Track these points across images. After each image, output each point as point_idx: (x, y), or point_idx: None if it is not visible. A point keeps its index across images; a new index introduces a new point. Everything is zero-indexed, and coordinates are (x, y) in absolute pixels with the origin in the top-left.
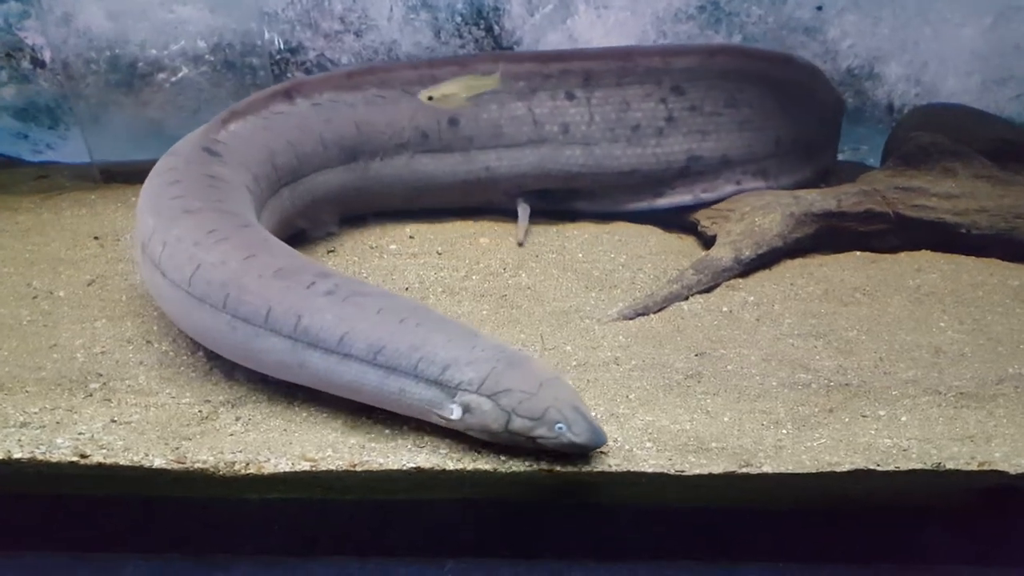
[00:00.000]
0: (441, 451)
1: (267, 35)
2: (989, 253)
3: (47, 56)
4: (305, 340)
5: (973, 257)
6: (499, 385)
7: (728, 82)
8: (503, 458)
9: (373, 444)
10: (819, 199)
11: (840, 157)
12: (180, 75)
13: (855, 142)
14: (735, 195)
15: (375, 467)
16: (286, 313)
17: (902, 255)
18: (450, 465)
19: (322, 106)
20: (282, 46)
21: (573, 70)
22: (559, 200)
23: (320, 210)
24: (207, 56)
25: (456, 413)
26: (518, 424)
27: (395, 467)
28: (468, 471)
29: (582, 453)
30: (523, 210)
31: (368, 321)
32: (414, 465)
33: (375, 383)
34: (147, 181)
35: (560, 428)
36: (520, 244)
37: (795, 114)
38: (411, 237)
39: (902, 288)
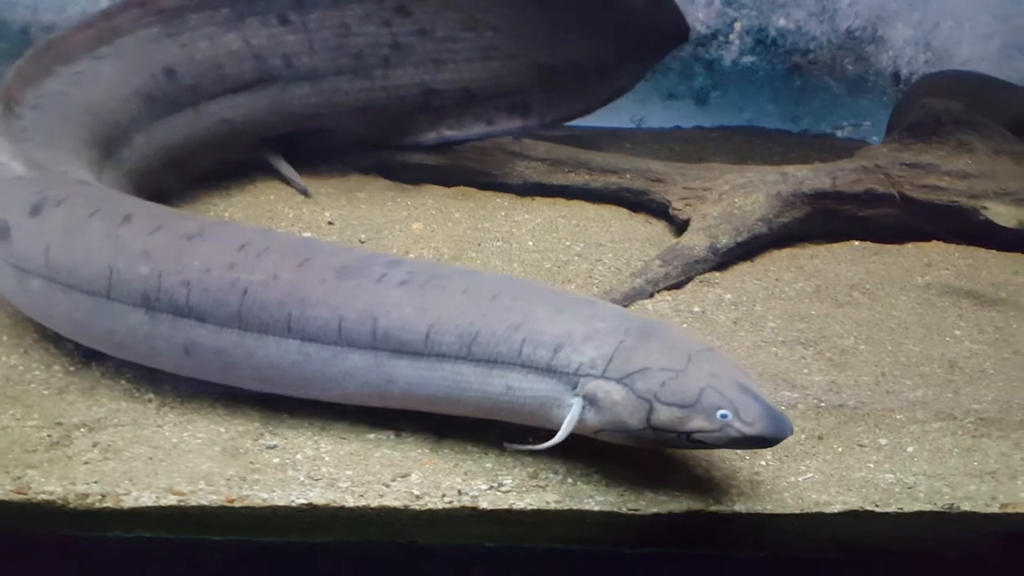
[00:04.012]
0: (340, 485)
1: None
2: (1013, 246)
3: None
4: (388, 347)
5: (994, 250)
6: (631, 363)
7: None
8: (417, 493)
9: (257, 476)
10: (811, 176)
11: (839, 135)
12: None
13: (856, 117)
14: (490, 135)
15: (257, 503)
16: (360, 318)
17: (909, 246)
18: (350, 502)
19: None
20: None
21: None
22: (304, 145)
23: None
24: None
25: (576, 409)
26: (664, 415)
27: (282, 503)
28: (372, 509)
29: (758, 449)
30: (278, 162)
31: (454, 305)
32: (305, 501)
33: (476, 385)
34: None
35: (724, 416)
36: (306, 194)
37: (572, 35)
38: (330, 223)
39: (909, 287)
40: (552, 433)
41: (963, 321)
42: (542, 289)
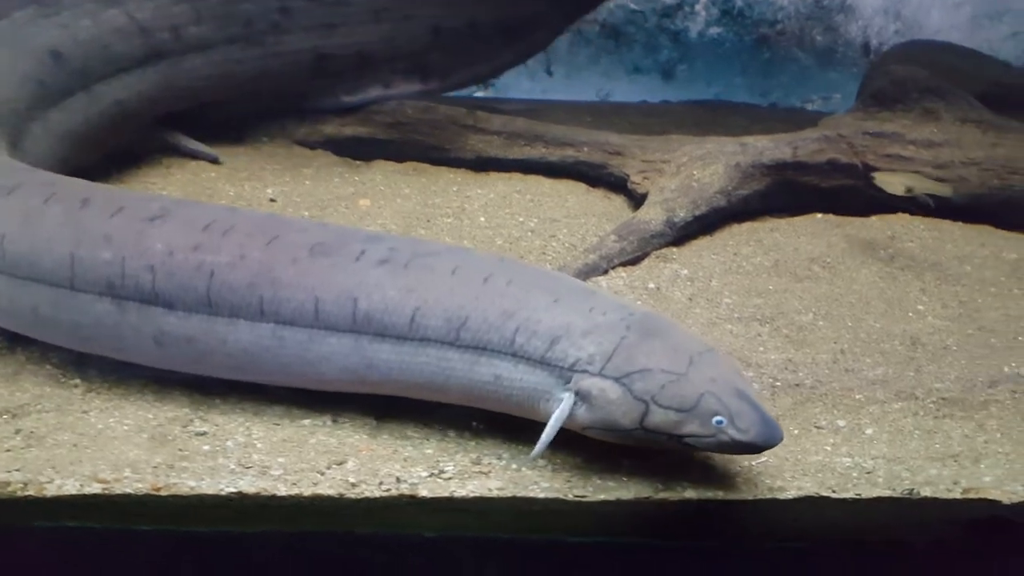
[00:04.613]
0: (272, 473)
1: None
2: (979, 218)
3: None
4: (369, 330)
5: (960, 223)
6: (632, 363)
7: None
8: (353, 481)
9: (185, 463)
10: (771, 147)
11: (809, 108)
12: None
13: (826, 89)
14: (387, 99)
15: (185, 491)
16: (339, 300)
17: (873, 219)
18: (282, 490)
19: None
20: None
21: None
22: (200, 117)
23: None
24: None
25: (566, 405)
26: (659, 418)
27: (210, 492)
28: (306, 498)
29: (746, 455)
30: (178, 138)
31: (442, 287)
32: (235, 489)
33: (462, 373)
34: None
35: (719, 423)
36: (216, 161)
37: None
38: (272, 200)
39: (872, 260)
40: (537, 423)
41: (926, 296)
42: (538, 273)
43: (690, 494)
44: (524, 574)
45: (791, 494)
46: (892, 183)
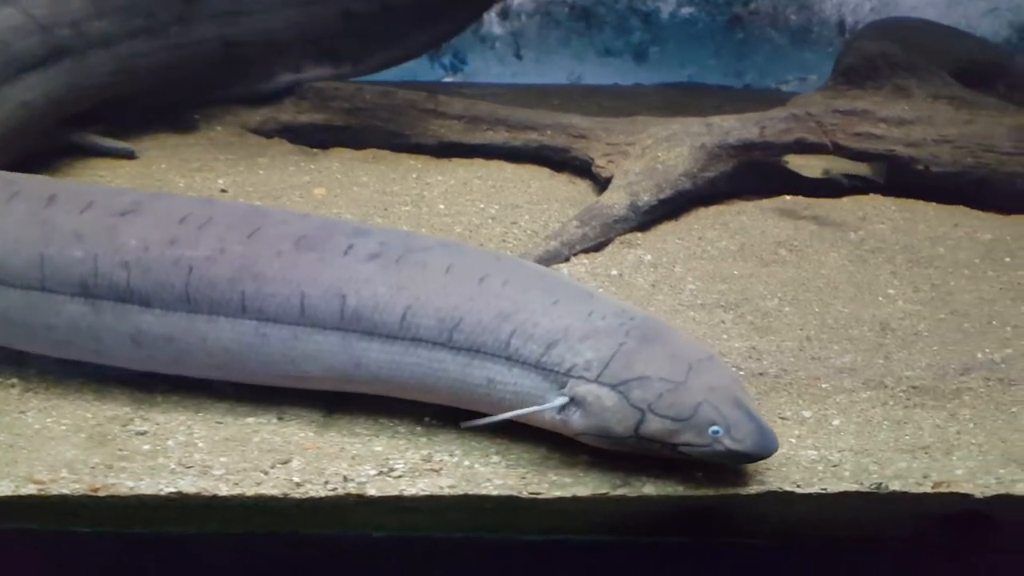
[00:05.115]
0: (214, 473)
1: None
2: (953, 198)
3: None
4: (357, 328)
5: (934, 203)
6: (630, 370)
7: None
8: (298, 480)
9: (124, 464)
10: (737, 127)
11: (784, 89)
12: None
13: (801, 70)
14: (301, 83)
15: (123, 492)
16: (326, 296)
17: (844, 200)
18: (224, 490)
19: None
20: None
21: None
22: (113, 115)
23: None
24: None
25: (560, 410)
26: (655, 426)
27: (150, 492)
28: (249, 498)
29: (741, 464)
30: (87, 138)
31: (436, 286)
32: (175, 490)
33: (454, 374)
34: None
35: (716, 432)
36: (132, 156)
37: None
38: (223, 191)
39: (841, 243)
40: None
41: (897, 279)
42: (535, 272)
43: (649, 490)
44: (478, 575)
45: (754, 489)
46: (806, 166)
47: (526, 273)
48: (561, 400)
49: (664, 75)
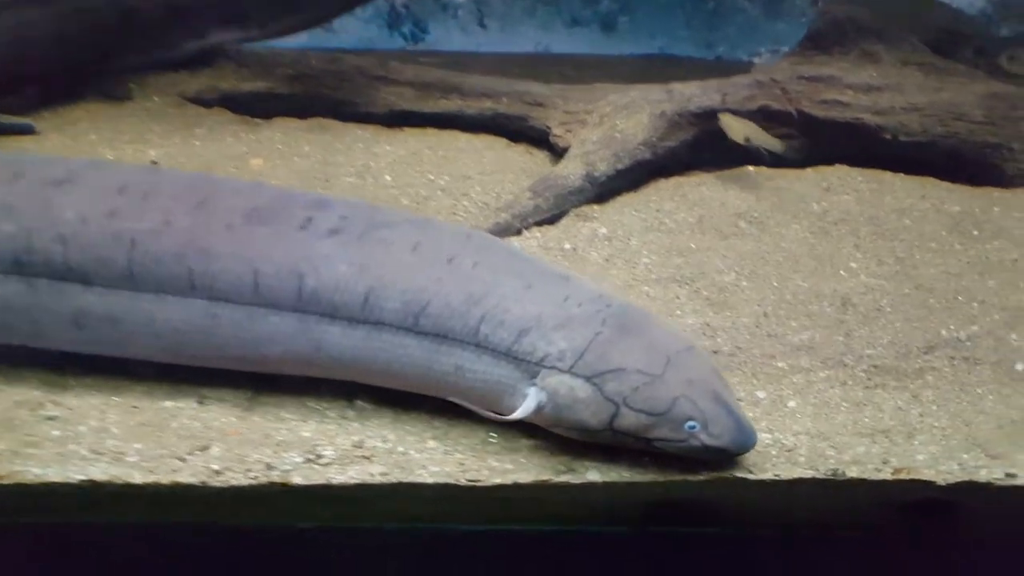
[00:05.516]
0: (128, 460)
1: None
2: (922, 168)
3: None
4: (316, 310)
5: (901, 174)
6: (605, 362)
7: None
8: (218, 468)
9: (32, 450)
10: (699, 93)
11: (756, 61)
12: None
13: (774, 41)
14: (206, 48)
15: (30, 479)
16: (281, 274)
17: (808, 171)
18: (137, 478)
19: None
20: None
21: None
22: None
23: None
24: None
25: (531, 402)
26: (630, 421)
27: (58, 480)
28: (164, 486)
29: (718, 459)
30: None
31: (401, 266)
32: (85, 477)
33: (420, 360)
34: None
35: (692, 428)
36: (32, 131)
37: None
38: (154, 163)
39: (803, 214)
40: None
41: (860, 252)
42: (508, 253)
43: (594, 476)
44: (410, 566)
45: (704, 476)
46: (734, 128)
47: (498, 254)
48: (534, 392)
49: (633, 46)
